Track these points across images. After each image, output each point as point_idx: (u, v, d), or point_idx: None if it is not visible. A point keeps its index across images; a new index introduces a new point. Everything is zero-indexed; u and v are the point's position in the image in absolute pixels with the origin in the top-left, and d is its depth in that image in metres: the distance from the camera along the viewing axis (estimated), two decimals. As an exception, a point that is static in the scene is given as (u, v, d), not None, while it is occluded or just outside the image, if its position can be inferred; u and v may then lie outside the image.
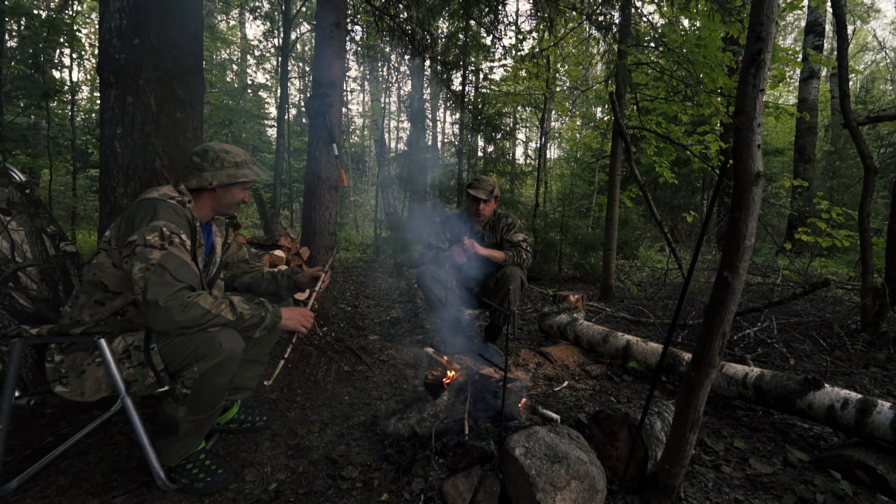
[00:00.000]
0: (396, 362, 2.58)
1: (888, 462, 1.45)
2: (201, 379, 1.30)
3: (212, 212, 1.54)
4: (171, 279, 1.23)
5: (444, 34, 6.08)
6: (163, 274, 1.22)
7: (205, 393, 1.32)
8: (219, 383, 1.33)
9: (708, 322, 1.12)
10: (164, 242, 1.26)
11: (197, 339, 1.29)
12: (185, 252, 1.31)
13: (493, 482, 1.36)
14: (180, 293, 1.23)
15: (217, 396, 1.37)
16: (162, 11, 2.10)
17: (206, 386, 1.31)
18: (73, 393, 1.30)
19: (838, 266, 5.01)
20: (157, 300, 1.20)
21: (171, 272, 1.24)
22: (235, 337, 1.35)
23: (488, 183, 2.64)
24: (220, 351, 1.29)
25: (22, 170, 4.37)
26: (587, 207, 8.08)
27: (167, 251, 1.26)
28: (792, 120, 8.18)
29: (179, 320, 1.22)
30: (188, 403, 1.32)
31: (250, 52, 11.72)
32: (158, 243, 1.25)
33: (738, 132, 1.03)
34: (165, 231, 1.27)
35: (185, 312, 1.23)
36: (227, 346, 1.30)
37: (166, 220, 1.29)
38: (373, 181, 14.14)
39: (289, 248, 2.73)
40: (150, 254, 1.23)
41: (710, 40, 3.66)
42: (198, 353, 1.29)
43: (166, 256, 1.25)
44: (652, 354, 2.36)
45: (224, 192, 1.49)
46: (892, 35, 23.50)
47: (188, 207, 1.40)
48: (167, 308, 1.20)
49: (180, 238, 1.31)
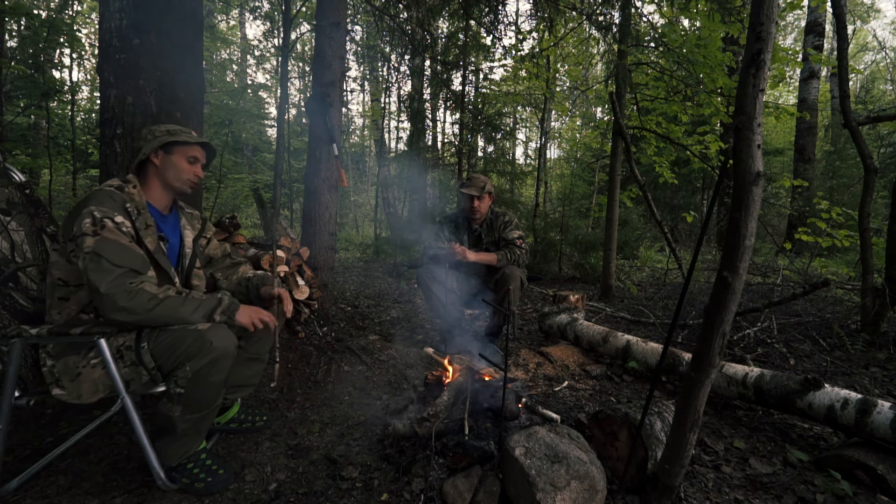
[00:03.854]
0: (396, 362, 2.58)
1: (888, 462, 1.45)
2: (194, 378, 1.30)
3: (165, 192, 1.52)
4: (109, 265, 1.23)
5: (444, 34, 6.08)
6: (99, 261, 1.22)
7: (199, 391, 1.32)
8: (212, 381, 1.33)
9: (708, 322, 1.11)
10: (97, 228, 1.26)
11: (187, 339, 1.30)
12: (122, 235, 1.30)
13: (493, 482, 1.36)
14: (122, 279, 1.23)
15: (212, 395, 1.36)
16: (162, 11, 2.10)
17: (200, 384, 1.31)
18: (70, 395, 1.30)
19: (838, 266, 5.01)
20: (99, 288, 1.20)
21: (108, 258, 1.24)
22: (226, 334, 1.35)
23: (479, 180, 2.67)
24: (211, 349, 1.29)
25: (22, 170, 4.37)
26: (587, 207, 8.08)
27: (100, 237, 1.25)
28: (792, 120, 8.18)
29: (125, 306, 1.22)
30: (183, 403, 1.32)
31: (250, 52, 11.71)
32: (91, 230, 1.25)
33: (738, 132, 1.03)
34: (97, 215, 1.27)
35: (130, 298, 1.22)
36: (218, 344, 1.30)
37: (97, 205, 1.29)
38: (373, 181, 14.13)
39: (289, 248, 2.73)
40: (85, 242, 1.24)
41: (710, 40, 3.66)
42: (188, 352, 1.29)
43: (100, 242, 1.25)
44: (652, 354, 2.36)
45: (166, 165, 1.48)
46: (892, 35, 23.50)
47: (127, 192, 1.39)
48: (109, 295, 1.20)
49: (113, 221, 1.29)
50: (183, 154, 1.50)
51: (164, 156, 1.48)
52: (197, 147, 1.53)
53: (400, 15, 4.45)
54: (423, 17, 4.29)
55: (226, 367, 1.35)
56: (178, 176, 1.50)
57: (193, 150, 1.52)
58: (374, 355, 2.64)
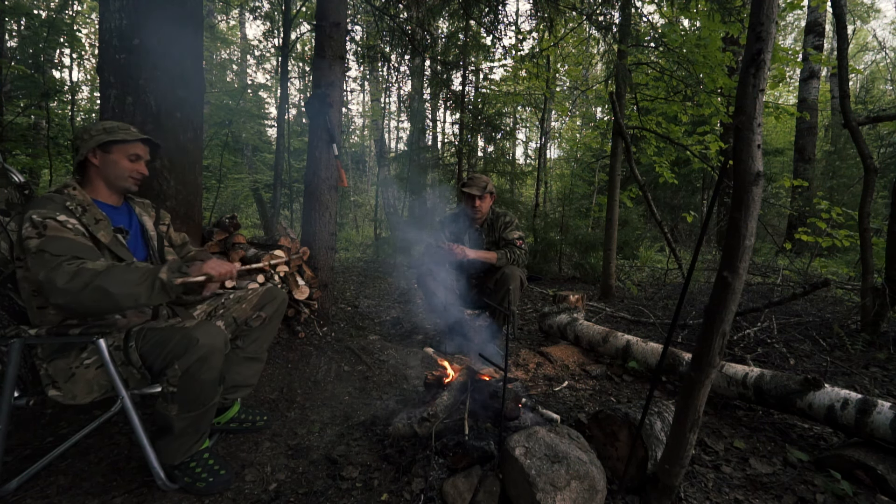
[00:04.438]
0: (396, 362, 2.58)
1: (888, 462, 1.45)
2: (185, 376, 1.29)
3: (110, 190, 1.51)
4: (50, 256, 1.23)
5: (444, 34, 6.08)
6: (42, 255, 1.23)
7: (193, 389, 1.32)
8: (204, 378, 1.32)
9: (708, 322, 1.11)
10: (39, 230, 1.26)
11: (173, 337, 1.30)
12: (67, 230, 1.30)
13: (493, 482, 1.36)
14: (60, 264, 1.23)
15: (206, 392, 1.35)
16: (162, 11, 2.10)
17: (192, 382, 1.31)
18: (66, 396, 1.31)
19: (838, 266, 5.01)
20: (39, 277, 1.21)
21: (50, 251, 1.24)
22: (214, 331, 1.35)
23: (481, 180, 2.67)
24: (198, 346, 1.29)
25: (22, 170, 4.37)
26: (587, 207, 8.07)
27: (45, 237, 1.26)
28: (792, 120, 8.18)
29: (64, 287, 1.19)
30: (178, 401, 1.32)
31: (250, 52, 11.70)
32: (34, 233, 1.26)
33: (738, 132, 1.03)
34: (36, 218, 1.27)
35: (70, 279, 1.20)
36: (205, 341, 1.30)
37: (36, 210, 1.29)
38: (373, 181, 14.14)
39: (289, 248, 2.73)
40: (31, 245, 1.24)
41: (710, 40, 3.66)
42: (175, 350, 1.30)
43: (44, 241, 1.25)
44: (652, 354, 2.36)
45: (105, 164, 1.46)
46: (892, 35, 23.50)
47: (66, 193, 1.39)
48: (48, 279, 1.20)
49: (56, 220, 1.29)
50: (122, 152, 1.47)
51: (103, 155, 1.46)
52: (138, 144, 1.50)
53: (400, 15, 4.45)
54: (423, 17, 4.29)
55: (216, 363, 1.34)
56: (119, 174, 1.48)
57: (134, 147, 1.49)
58: (374, 355, 2.64)
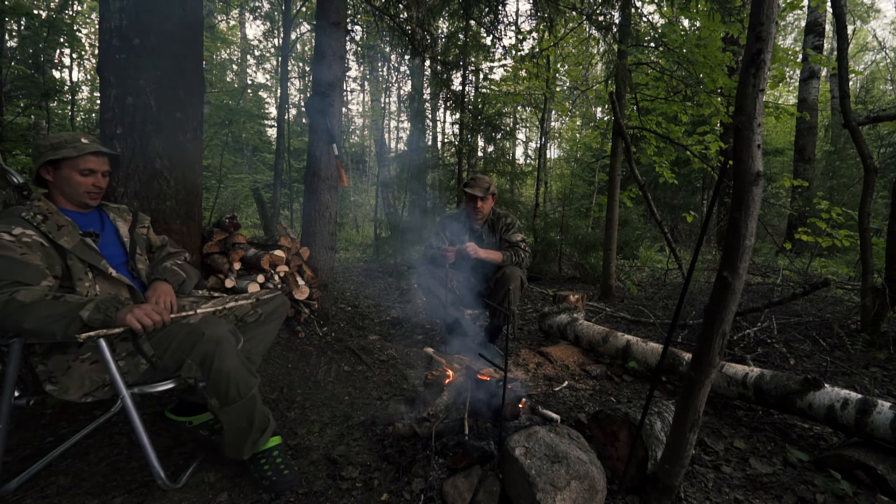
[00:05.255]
0: (396, 362, 2.58)
1: (888, 462, 1.45)
2: (204, 370, 1.31)
3: (71, 201, 1.48)
4: None
5: (444, 34, 6.08)
6: None
7: (219, 382, 1.31)
8: (224, 368, 1.31)
9: (708, 322, 1.12)
10: None
11: (178, 334, 1.32)
12: (18, 246, 1.27)
13: (493, 482, 1.36)
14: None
15: (235, 381, 1.34)
16: (162, 11, 2.10)
17: (215, 374, 1.31)
18: (59, 391, 1.31)
19: (838, 266, 5.01)
20: None
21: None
22: (215, 321, 1.38)
23: (484, 180, 2.67)
24: (205, 339, 1.30)
25: (22, 170, 4.37)
26: (587, 207, 8.07)
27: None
28: (792, 120, 8.18)
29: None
30: (213, 394, 1.33)
31: (250, 52, 11.71)
32: None
33: (738, 132, 1.03)
34: None
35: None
36: (210, 333, 1.31)
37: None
38: (373, 181, 14.13)
39: (289, 248, 2.73)
40: None
41: (710, 40, 3.65)
42: (183, 346, 1.31)
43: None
44: (652, 354, 2.36)
45: (58, 180, 1.43)
46: (892, 35, 23.48)
47: (27, 204, 1.38)
48: None
49: (10, 234, 1.27)
50: (72, 168, 1.42)
51: (54, 171, 1.42)
52: (88, 158, 1.43)
53: (400, 15, 4.45)
54: (423, 17, 4.29)
55: (230, 351, 1.34)
56: (73, 190, 1.45)
57: (84, 161, 1.43)
58: (374, 355, 2.64)
